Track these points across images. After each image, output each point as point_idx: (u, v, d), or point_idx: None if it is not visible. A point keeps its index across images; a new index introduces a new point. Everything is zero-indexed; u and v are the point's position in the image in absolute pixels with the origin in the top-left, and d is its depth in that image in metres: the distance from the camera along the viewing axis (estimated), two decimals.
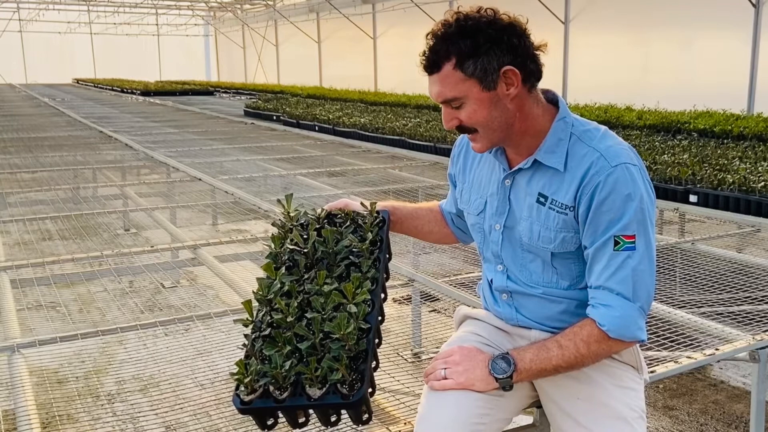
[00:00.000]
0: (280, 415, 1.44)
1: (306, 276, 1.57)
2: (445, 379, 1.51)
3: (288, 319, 1.45)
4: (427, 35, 1.49)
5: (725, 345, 2.26)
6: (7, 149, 8.02)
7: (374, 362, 1.47)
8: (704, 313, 2.93)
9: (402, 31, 19.16)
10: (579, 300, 1.56)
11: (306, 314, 1.46)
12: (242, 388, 1.41)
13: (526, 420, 1.83)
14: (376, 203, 1.75)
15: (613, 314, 1.44)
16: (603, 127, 1.55)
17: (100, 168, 6.93)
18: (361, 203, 1.76)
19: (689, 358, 2.14)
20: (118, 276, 3.72)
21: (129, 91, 23.05)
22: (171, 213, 5.50)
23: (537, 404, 1.68)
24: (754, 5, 10.00)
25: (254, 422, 1.45)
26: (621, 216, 1.44)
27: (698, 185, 4.78)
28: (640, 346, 1.61)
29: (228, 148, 8.38)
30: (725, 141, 6.99)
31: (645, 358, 2.13)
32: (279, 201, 1.77)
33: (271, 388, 1.39)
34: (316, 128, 10.37)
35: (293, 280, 1.55)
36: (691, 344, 2.42)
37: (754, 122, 7.48)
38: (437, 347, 1.72)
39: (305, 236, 1.63)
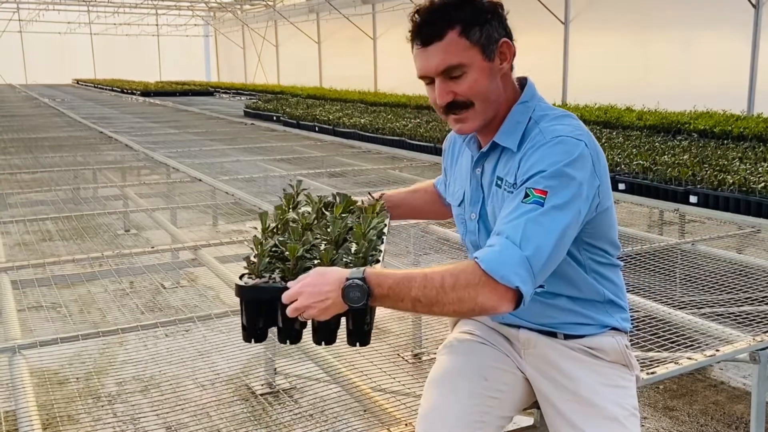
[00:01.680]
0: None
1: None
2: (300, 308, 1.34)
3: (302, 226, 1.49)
4: (418, 10, 1.48)
5: (725, 346, 2.26)
6: (7, 150, 8.02)
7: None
8: (704, 314, 2.93)
9: (402, 32, 18.44)
10: (563, 295, 1.55)
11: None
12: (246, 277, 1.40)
13: (527, 421, 1.84)
14: (380, 200, 1.79)
15: (493, 250, 1.34)
16: (565, 113, 1.53)
17: (100, 169, 6.93)
18: (369, 194, 1.82)
19: (689, 359, 2.14)
20: (119, 277, 3.72)
21: (129, 91, 23.05)
22: (171, 214, 5.50)
23: (537, 404, 1.68)
24: (754, 6, 10.00)
25: (242, 324, 1.42)
26: (538, 171, 1.39)
27: (698, 186, 4.78)
28: (637, 345, 1.61)
29: (228, 148, 8.38)
30: (725, 141, 6.99)
31: (646, 359, 2.13)
32: (290, 184, 1.81)
33: (278, 278, 1.37)
34: (316, 129, 10.37)
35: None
36: (692, 345, 2.42)
37: (754, 123, 7.48)
38: (437, 348, 1.72)
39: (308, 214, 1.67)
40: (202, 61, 37.70)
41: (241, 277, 1.41)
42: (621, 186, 5.22)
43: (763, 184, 4.41)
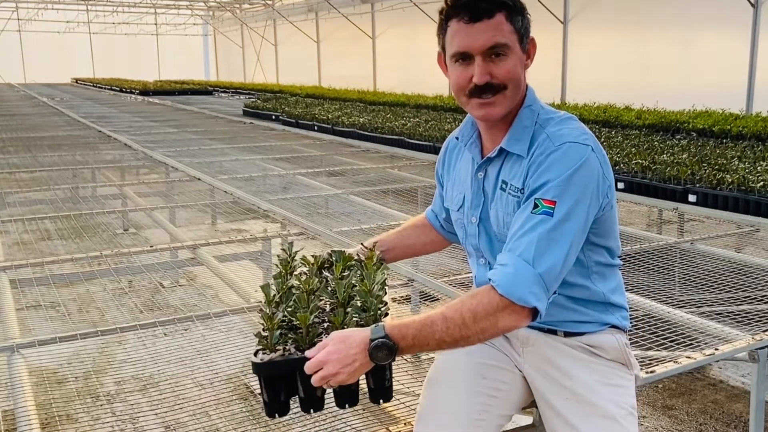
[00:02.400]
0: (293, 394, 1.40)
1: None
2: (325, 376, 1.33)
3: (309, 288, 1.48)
4: None
5: (724, 345, 2.26)
6: (5, 149, 8.01)
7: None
8: (703, 312, 2.93)
9: (401, 31, 19.16)
10: (564, 294, 1.55)
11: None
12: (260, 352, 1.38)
13: (526, 420, 1.84)
14: (375, 250, 1.75)
15: (507, 271, 1.37)
16: (567, 115, 1.55)
17: (99, 168, 6.93)
18: (361, 245, 1.80)
19: (688, 358, 2.14)
20: (118, 276, 3.72)
21: (128, 90, 23.02)
22: (170, 213, 5.49)
23: (536, 403, 1.68)
24: (752, 5, 10.01)
25: (263, 400, 1.39)
26: (546, 181, 1.41)
27: (697, 185, 4.78)
28: (636, 344, 1.61)
29: (227, 147, 8.37)
30: (724, 140, 6.99)
31: (645, 358, 2.13)
32: (283, 249, 1.79)
33: (292, 349, 1.36)
34: (315, 128, 10.36)
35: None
36: (691, 344, 2.42)
37: (752, 122, 7.48)
38: None
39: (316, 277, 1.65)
40: (201, 60, 37.68)
41: (255, 354, 1.39)
42: (620, 185, 5.22)
43: (761, 183, 4.41)
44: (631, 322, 1.70)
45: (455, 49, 1.49)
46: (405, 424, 1.85)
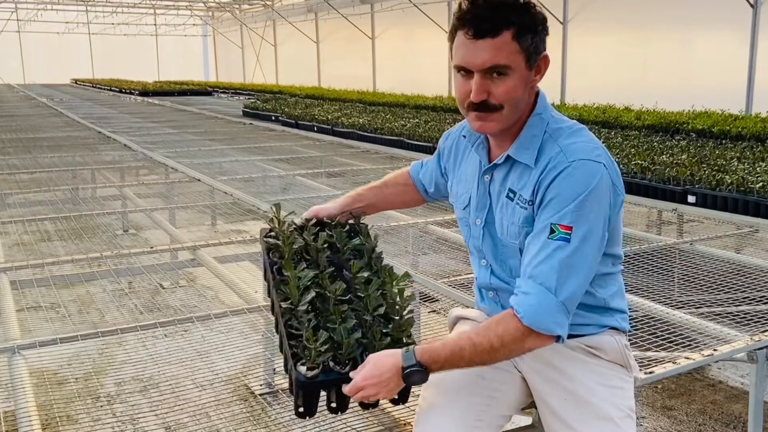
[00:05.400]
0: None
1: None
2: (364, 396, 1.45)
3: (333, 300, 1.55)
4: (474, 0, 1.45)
5: (723, 345, 2.26)
6: (5, 150, 8.01)
7: None
8: (702, 313, 2.93)
9: (400, 32, 19.16)
10: None
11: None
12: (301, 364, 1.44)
13: (525, 420, 1.84)
14: (360, 214, 1.87)
15: (530, 301, 1.40)
16: (578, 125, 1.55)
17: (98, 169, 6.93)
18: (350, 213, 1.88)
19: (687, 358, 2.15)
20: (118, 277, 3.72)
21: (127, 91, 23.02)
22: (170, 214, 5.50)
23: (535, 404, 1.69)
24: (752, 5, 10.02)
25: (298, 408, 1.47)
26: (562, 206, 1.42)
27: (696, 186, 4.79)
28: (635, 344, 1.62)
29: (227, 148, 8.37)
30: (723, 141, 7.00)
31: (644, 358, 2.14)
32: (271, 208, 1.86)
33: (331, 364, 1.44)
34: (315, 129, 10.37)
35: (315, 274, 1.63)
36: (690, 345, 2.43)
37: (752, 122, 7.49)
38: None
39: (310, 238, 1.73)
40: (200, 60, 37.66)
41: (294, 365, 1.44)
42: None
43: (761, 184, 4.41)
44: (630, 323, 1.71)
45: (456, 62, 1.49)
46: (405, 424, 1.86)
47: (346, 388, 1.42)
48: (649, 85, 11.56)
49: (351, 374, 1.43)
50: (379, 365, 1.41)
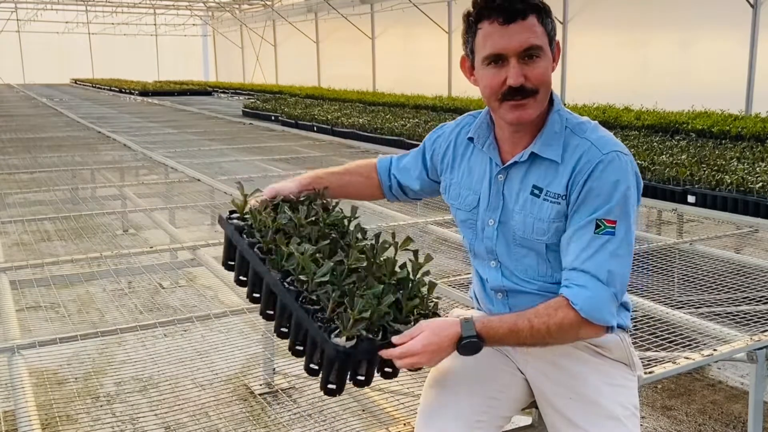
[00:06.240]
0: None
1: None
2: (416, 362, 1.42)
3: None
4: None
5: (723, 345, 2.27)
6: (5, 150, 8.01)
7: None
8: (702, 313, 2.93)
9: (400, 32, 19.16)
10: None
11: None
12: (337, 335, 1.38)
13: (525, 420, 1.84)
14: (323, 189, 1.80)
15: (586, 294, 1.44)
16: (594, 121, 1.60)
17: (98, 168, 6.93)
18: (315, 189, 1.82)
19: (687, 358, 2.15)
20: (117, 277, 3.72)
21: (127, 91, 23.02)
22: (170, 214, 5.50)
23: (536, 404, 1.68)
24: (752, 6, 10.02)
25: (331, 381, 1.42)
26: (606, 201, 1.47)
27: (696, 186, 4.79)
28: (635, 344, 1.62)
29: (226, 148, 8.38)
30: (723, 141, 6.99)
31: (644, 358, 2.14)
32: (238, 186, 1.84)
33: (364, 333, 1.38)
34: (315, 128, 10.36)
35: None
36: (689, 345, 2.43)
37: (752, 122, 7.48)
38: None
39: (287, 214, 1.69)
40: (200, 60, 37.67)
41: (329, 336, 1.38)
42: None
43: (760, 184, 4.41)
44: (631, 323, 1.71)
45: (489, 51, 1.47)
46: (404, 424, 1.86)
47: (397, 352, 1.38)
48: (648, 85, 11.56)
49: (393, 339, 1.39)
50: (438, 332, 1.39)
